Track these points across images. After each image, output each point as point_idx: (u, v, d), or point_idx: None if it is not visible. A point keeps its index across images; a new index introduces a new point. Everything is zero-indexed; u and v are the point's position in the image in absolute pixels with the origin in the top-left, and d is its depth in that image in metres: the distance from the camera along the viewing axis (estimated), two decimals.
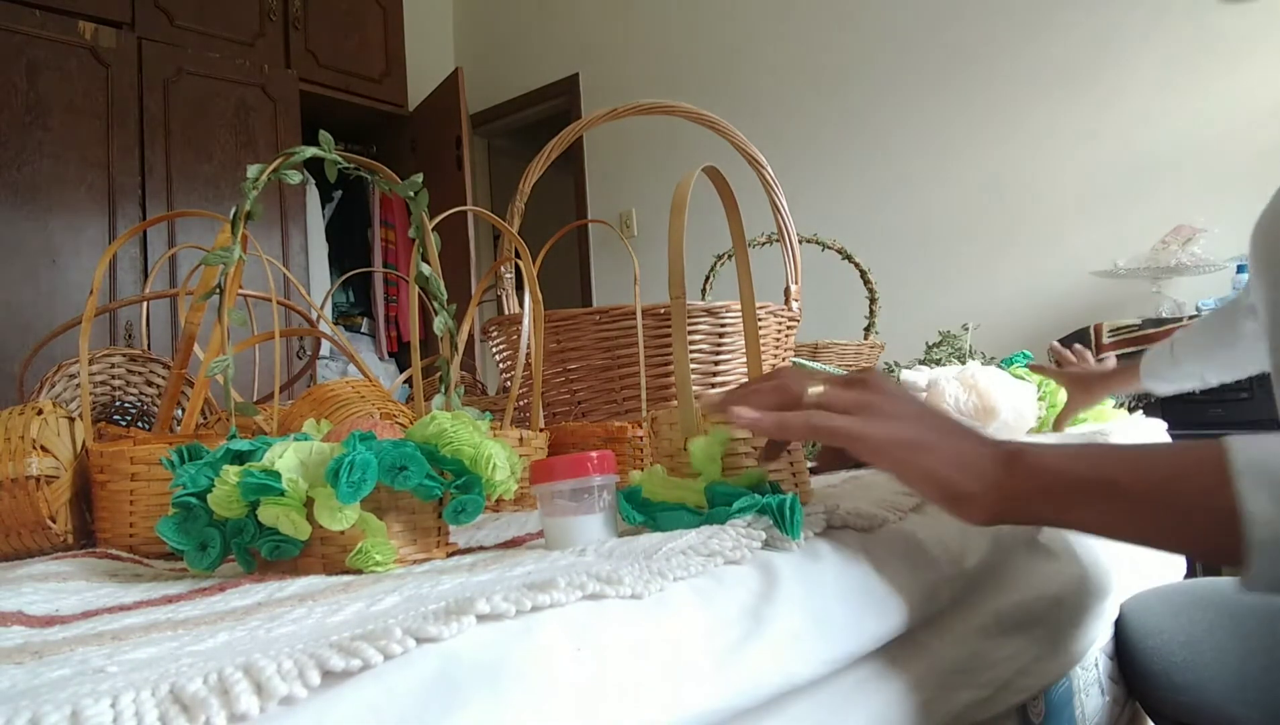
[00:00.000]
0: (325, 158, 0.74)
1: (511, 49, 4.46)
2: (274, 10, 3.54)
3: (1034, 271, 2.89)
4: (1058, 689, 0.81)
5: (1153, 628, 0.94)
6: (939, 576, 0.60)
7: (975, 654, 0.67)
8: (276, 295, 0.95)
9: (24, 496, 0.72)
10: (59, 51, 2.90)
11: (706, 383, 1.09)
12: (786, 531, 0.50)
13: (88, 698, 0.28)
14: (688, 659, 0.41)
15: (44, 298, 2.83)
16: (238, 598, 0.48)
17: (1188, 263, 2.49)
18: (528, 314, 0.98)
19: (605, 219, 3.85)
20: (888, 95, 3.24)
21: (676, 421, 0.61)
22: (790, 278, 1.22)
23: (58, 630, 0.43)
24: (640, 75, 3.94)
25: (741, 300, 0.68)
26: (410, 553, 0.56)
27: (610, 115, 1.17)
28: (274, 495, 0.52)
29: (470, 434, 0.57)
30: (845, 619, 0.51)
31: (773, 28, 3.54)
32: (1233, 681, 0.84)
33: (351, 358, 1.12)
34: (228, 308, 0.71)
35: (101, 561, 0.68)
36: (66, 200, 2.89)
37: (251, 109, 3.39)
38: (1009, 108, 2.97)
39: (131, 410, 1.08)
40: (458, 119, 3.70)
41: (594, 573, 0.41)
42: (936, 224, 3.12)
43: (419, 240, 0.81)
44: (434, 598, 0.40)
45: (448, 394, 0.82)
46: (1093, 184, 2.81)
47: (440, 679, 0.32)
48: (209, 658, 0.32)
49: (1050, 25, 2.88)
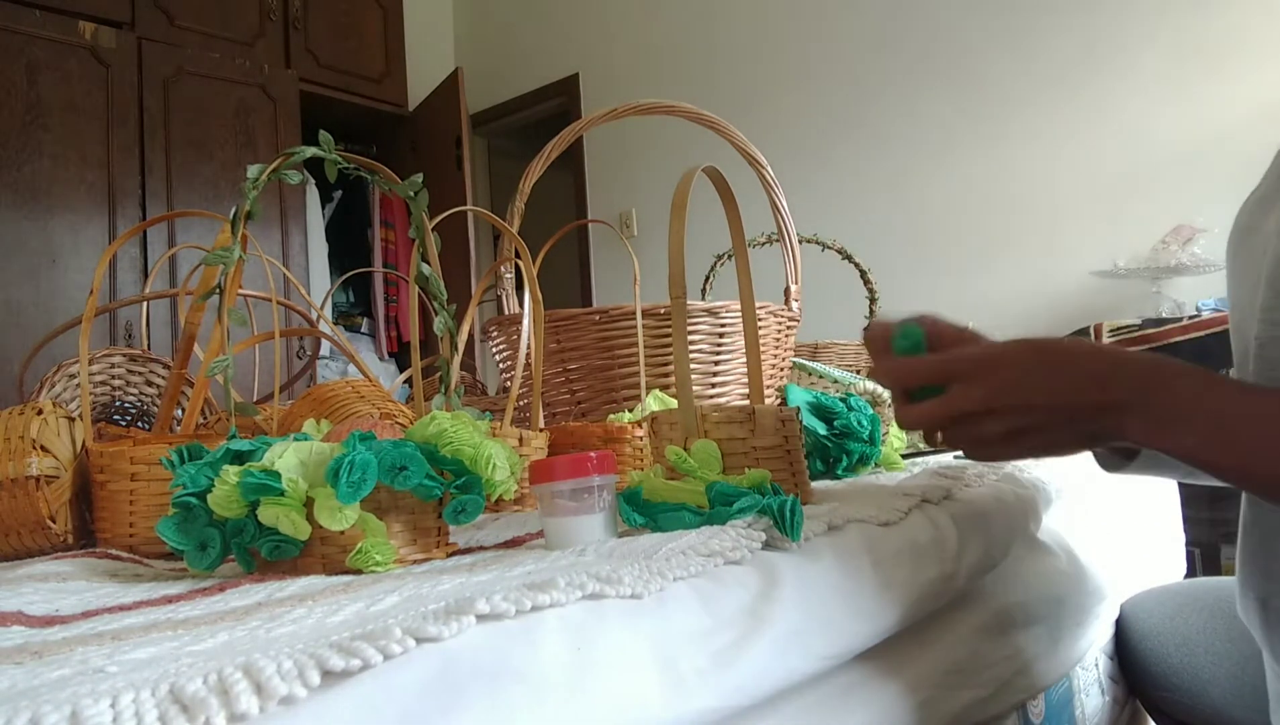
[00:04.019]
0: (325, 158, 0.74)
1: (511, 49, 4.46)
2: (274, 10, 3.54)
3: (1034, 271, 2.88)
4: (1058, 689, 0.81)
5: (1152, 628, 0.94)
6: (939, 576, 0.60)
7: (975, 654, 0.67)
8: (276, 295, 0.95)
9: (24, 496, 0.72)
10: (59, 51, 2.90)
11: (706, 383, 1.09)
12: (786, 532, 0.50)
13: (87, 698, 0.28)
14: (688, 658, 0.41)
15: (44, 298, 2.83)
16: (238, 598, 0.48)
17: (1188, 263, 2.49)
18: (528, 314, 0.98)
19: (605, 219, 3.85)
20: (888, 95, 3.24)
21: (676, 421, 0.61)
22: (790, 278, 1.22)
23: (58, 630, 0.43)
24: (640, 75, 3.94)
25: (741, 300, 0.68)
26: (410, 553, 0.56)
27: (610, 115, 1.17)
28: (274, 495, 0.52)
29: (470, 434, 0.57)
30: (845, 619, 0.51)
31: (773, 28, 3.54)
32: (1232, 683, 0.84)
33: (351, 358, 1.12)
34: (228, 308, 0.71)
35: (101, 561, 0.68)
36: (66, 200, 2.89)
37: (251, 109, 3.39)
38: (1009, 107, 2.97)
39: (131, 410, 1.07)
40: (458, 119, 3.70)
41: (594, 573, 0.41)
42: (937, 224, 3.11)
43: (419, 240, 0.81)
44: (434, 598, 0.40)
45: (448, 394, 0.82)
46: (1093, 184, 2.80)
47: (440, 679, 0.32)
48: (209, 658, 0.32)
49: (1050, 25, 2.88)
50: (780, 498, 0.52)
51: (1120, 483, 1.08)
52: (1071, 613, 0.83)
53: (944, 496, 0.68)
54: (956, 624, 0.68)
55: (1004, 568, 0.73)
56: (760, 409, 0.63)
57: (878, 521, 0.59)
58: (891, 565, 0.56)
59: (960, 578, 0.63)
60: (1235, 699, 0.84)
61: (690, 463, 0.58)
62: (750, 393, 0.70)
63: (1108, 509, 1.04)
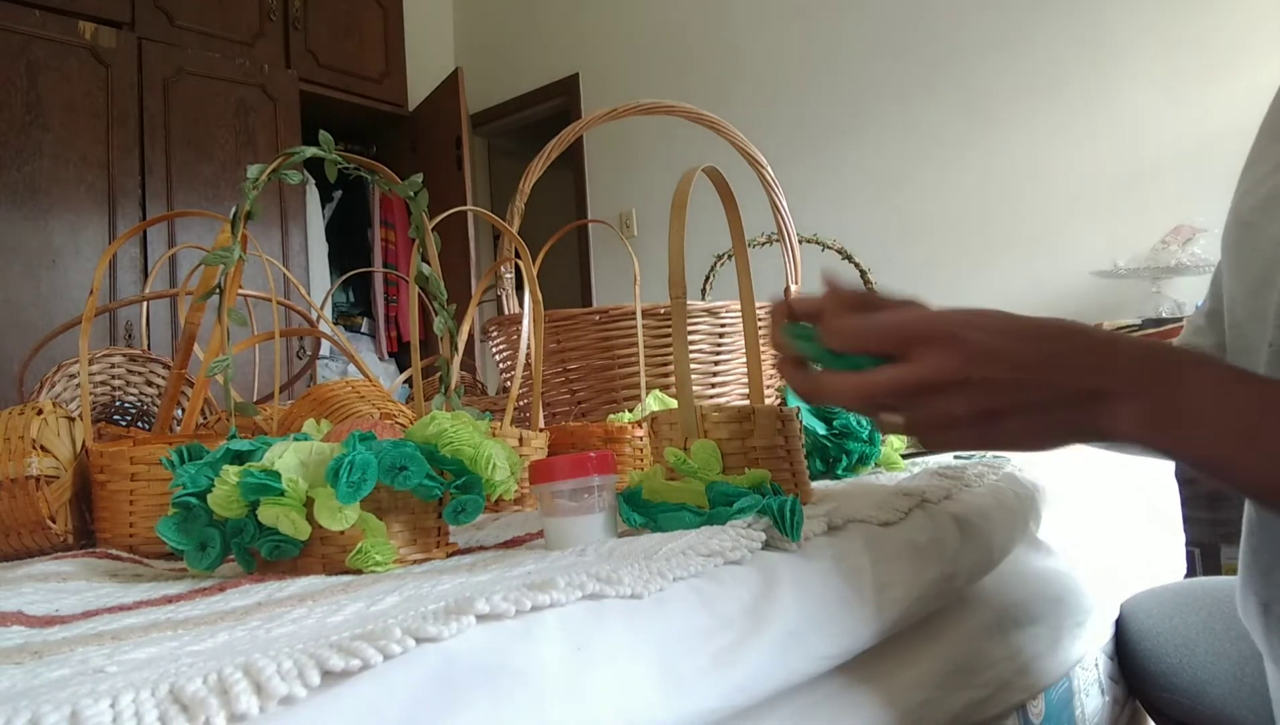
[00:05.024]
0: (325, 158, 0.74)
1: (511, 49, 4.46)
2: (274, 10, 3.54)
3: (1034, 271, 2.88)
4: (1058, 689, 0.81)
5: (1152, 628, 0.94)
6: (939, 576, 0.60)
7: (975, 654, 0.67)
8: (276, 295, 0.95)
9: (24, 496, 0.72)
10: (59, 51, 2.90)
11: (706, 383, 1.09)
12: (786, 533, 0.50)
13: (87, 698, 0.28)
14: (688, 658, 0.41)
15: (44, 298, 2.83)
16: (238, 598, 0.48)
17: (1188, 263, 2.48)
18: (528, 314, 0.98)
19: (605, 219, 3.85)
20: (888, 96, 3.24)
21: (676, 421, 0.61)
22: (790, 278, 1.22)
23: (58, 630, 0.43)
24: (640, 75, 3.94)
25: (741, 300, 0.68)
26: (410, 553, 0.56)
27: (610, 115, 1.17)
28: (274, 495, 0.52)
29: (470, 434, 0.57)
30: (845, 619, 0.51)
31: (773, 28, 3.54)
32: (1232, 683, 0.84)
33: (351, 358, 1.12)
34: (228, 308, 0.71)
35: (101, 561, 0.68)
36: (66, 200, 2.89)
37: (251, 109, 3.39)
38: (1010, 107, 2.97)
39: (131, 410, 1.07)
40: (458, 119, 3.70)
41: (594, 573, 0.41)
42: (936, 224, 3.11)
43: (419, 240, 0.81)
44: (434, 598, 0.40)
45: (448, 394, 0.82)
46: (1092, 184, 2.80)
47: (440, 679, 0.32)
48: (209, 658, 0.32)
49: (1050, 25, 2.88)
50: (780, 498, 0.52)
51: (1120, 483, 1.08)
52: (1071, 613, 0.83)
53: (944, 496, 0.68)
54: (956, 624, 0.68)
55: (1004, 568, 0.73)
56: (760, 409, 0.63)
57: (878, 521, 0.59)
58: (891, 565, 0.55)
59: (960, 578, 0.63)
60: (1235, 699, 0.84)
61: (690, 464, 0.58)
62: (750, 393, 0.70)
63: (1108, 509, 1.04)
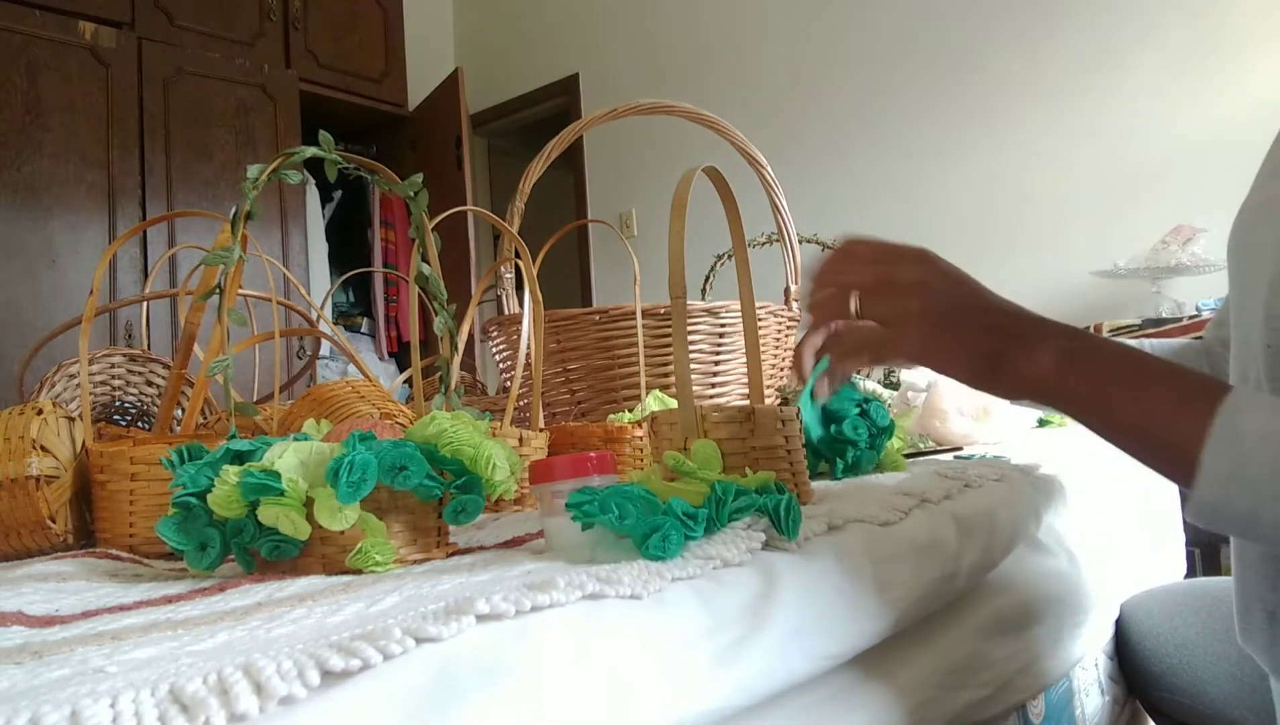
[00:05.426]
0: (325, 158, 0.74)
1: (511, 49, 4.46)
2: (274, 10, 3.54)
3: (1034, 271, 2.88)
4: (1058, 689, 0.81)
5: (1152, 628, 0.94)
6: (939, 576, 0.60)
7: (975, 654, 0.67)
8: (276, 295, 0.95)
9: (24, 496, 0.72)
10: (59, 51, 2.90)
11: (706, 383, 1.09)
12: (784, 532, 0.50)
13: (87, 698, 0.28)
14: (687, 658, 0.41)
15: (44, 298, 2.83)
16: (238, 598, 0.48)
17: (1188, 263, 2.48)
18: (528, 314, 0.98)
19: (605, 219, 3.85)
20: (888, 96, 3.24)
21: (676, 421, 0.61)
22: (790, 278, 1.22)
23: (58, 630, 0.43)
24: (640, 75, 3.94)
25: (741, 300, 0.68)
26: (410, 553, 0.56)
27: (610, 115, 1.17)
28: (274, 495, 0.52)
29: (470, 434, 0.57)
30: (845, 619, 0.51)
31: (774, 28, 3.54)
32: (1232, 683, 0.84)
33: (351, 358, 1.12)
34: (228, 308, 0.71)
35: (101, 561, 0.67)
36: (66, 200, 2.89)
37: (251, 109, 3.39)
38: (1009, 107, 2.97)
39: (131, 410, 1.07)
40: (458, 119, 3.70)
41: (594, 573, 0.41)
42: (936, 224, 3.11)
43: (419, 240, 0.81)
44: (434, 598, 0.40)
45: (448, 394, 0.82)
46: (1093, 184, 2.80)
47: (439, 679, 0.32)
48: (209, 658, 0.33)
49: (1051, 25, 2.88)
50: (776, 497, 0.52)
51: (1120, 483, 1.08)
52: (1071, 613, 0.83)
53: (944, 496, 0.68)
54: (956, 624, 0.68)
55: (1004, 568, 0.73)
56: (760, 409, 0.63)
57: (878, 521, 0.58)
58: (891, 565, 0.55)
59: (960, 578, 0.63)
60: (1235, 699, 0.84)
61: (689, 466, 0.58)
62: (750, 393, 0.70)
63: (1108, 509, 1.04)
